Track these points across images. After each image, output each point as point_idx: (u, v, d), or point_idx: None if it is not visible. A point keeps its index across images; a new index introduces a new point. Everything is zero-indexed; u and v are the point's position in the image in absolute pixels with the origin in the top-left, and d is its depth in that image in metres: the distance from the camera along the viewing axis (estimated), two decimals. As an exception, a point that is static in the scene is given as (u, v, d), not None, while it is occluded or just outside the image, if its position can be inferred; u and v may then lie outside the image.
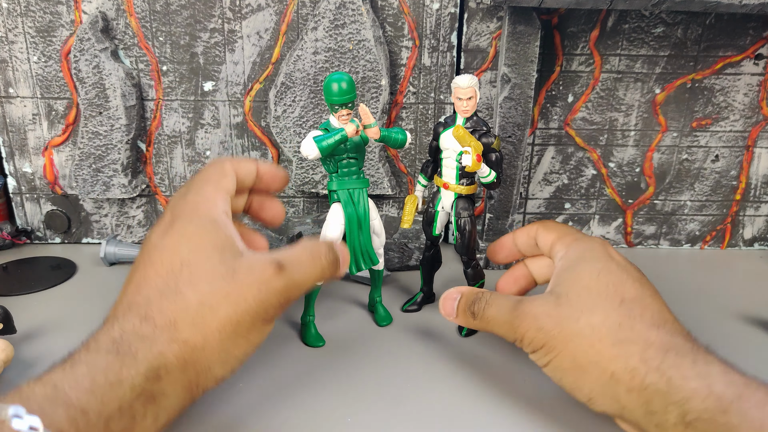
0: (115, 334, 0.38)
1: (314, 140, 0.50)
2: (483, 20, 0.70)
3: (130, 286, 0.42)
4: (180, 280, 0.40)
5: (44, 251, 0.75)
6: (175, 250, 0.42)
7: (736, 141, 0.75)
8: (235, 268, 0.41)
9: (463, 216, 0.56)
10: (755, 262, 0.77)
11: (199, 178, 0.48)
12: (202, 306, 0.40)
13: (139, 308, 0.39)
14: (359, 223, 0.54)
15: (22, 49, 0.69)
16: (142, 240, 0.78)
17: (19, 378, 0.49)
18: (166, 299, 0.40)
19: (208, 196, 0.46)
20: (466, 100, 0.53)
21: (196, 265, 0.41)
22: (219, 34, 0.69)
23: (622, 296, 0.43)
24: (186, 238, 0.43)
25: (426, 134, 0.74)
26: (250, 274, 0.41)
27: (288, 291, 0.42)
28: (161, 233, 0.44)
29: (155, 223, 0.47)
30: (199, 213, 0.44)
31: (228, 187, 0.48)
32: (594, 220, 0.79)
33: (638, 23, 0.70)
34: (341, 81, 0.49)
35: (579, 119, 0.74)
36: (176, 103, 0.72)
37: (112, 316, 0.40)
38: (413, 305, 0.62)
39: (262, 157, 0.75)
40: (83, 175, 0.72)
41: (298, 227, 0.72)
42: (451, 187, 0.56)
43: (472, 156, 0.51)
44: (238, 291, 0.40)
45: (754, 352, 0.56)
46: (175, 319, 0.39)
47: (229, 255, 0.42)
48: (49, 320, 0.59)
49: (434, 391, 0.49)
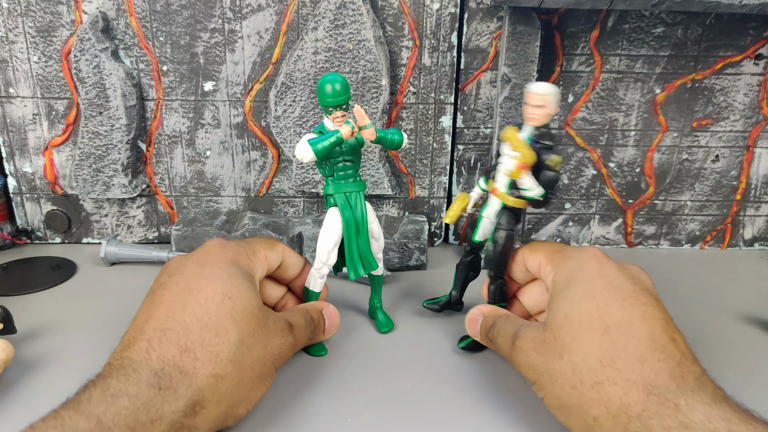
0: (154, 365, 0.37)
1: (309, 143, 0.49)
2: (483, 20, 0.70)
3: (160, 307, 0.41)
4: (222, 314, 0.41)
5: (44, 251, 0.75)
6: (216, 282, 0.44)
7: (737, 141, 0.75)
8: (266, 317, 0.45)
9: (502, 228, 0.52)
10: (755, 262, 0.77)
11: (247, 240, 0.52)
12: (241, 344, 0.41)
13: (178, 336, 0.39)
14: (357, 228, 0.53)
15: (23, 49, 0.69)
16: (140, 241, 0.78)
17: (19, 378, 0.49)
18: (208, 331, 0.40)
19: (250, 256, 0.50)
20: (534, 106, 0.48)
21: (239, 302, 0.43)
22: (219, 34, 0.69)
23: (606, 323, 0.40)
24: (229, 274, 0.45)
25: (426, 134, 0.74)
26: (276, 325, 0.46)
27: (294, 348, 0.48)
28: (197, 265, 0.45)
29: (183, 256, 0.49)
30: (239, 263, 0.48)
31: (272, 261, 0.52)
32: (594, 220, 0.79)
33: (638, 23, 0.70)
34: (335, 82, 0.48)
35: (579, 119, 0.74)
36: (176, 103, 0.72)
37: (141, 336, 0.39)
38: (434, 304, 0.59)
39: (263, 157, 0.75)
40: (83, 175, 0.72)
41: (298, 227, 0.72)
42: (497, 193, 0.52)
43: (516, 162, 0.48)
44: (267, 337, 0.44)
45: (754, 352, 0.56)
46: (218, 353, 0.40)
47: (262, 305, 0.46)
48: (49, 320, 0.59)
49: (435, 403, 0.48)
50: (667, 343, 0.39)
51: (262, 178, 0.76)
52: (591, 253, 0.46)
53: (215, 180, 0.76)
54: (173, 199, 0.77)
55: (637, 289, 0.42)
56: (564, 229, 0.79)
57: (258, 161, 0.75)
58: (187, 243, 0.71)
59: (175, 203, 0.77)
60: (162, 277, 0.47)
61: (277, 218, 0.75)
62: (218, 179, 0.76)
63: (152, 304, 0.42)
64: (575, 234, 0.79)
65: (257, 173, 0.76)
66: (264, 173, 0.76)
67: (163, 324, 0.40)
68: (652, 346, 0.38)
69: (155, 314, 0.41)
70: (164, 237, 0.78)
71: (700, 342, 0.41)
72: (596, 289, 0.42)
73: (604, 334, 0.39)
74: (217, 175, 0.76)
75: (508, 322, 0.47)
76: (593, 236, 0.79)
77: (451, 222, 0.56)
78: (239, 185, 0.76)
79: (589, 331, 0.40)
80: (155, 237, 0.78)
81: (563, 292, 0.44)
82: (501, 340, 0.47)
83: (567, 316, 0.42)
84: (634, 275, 0.45)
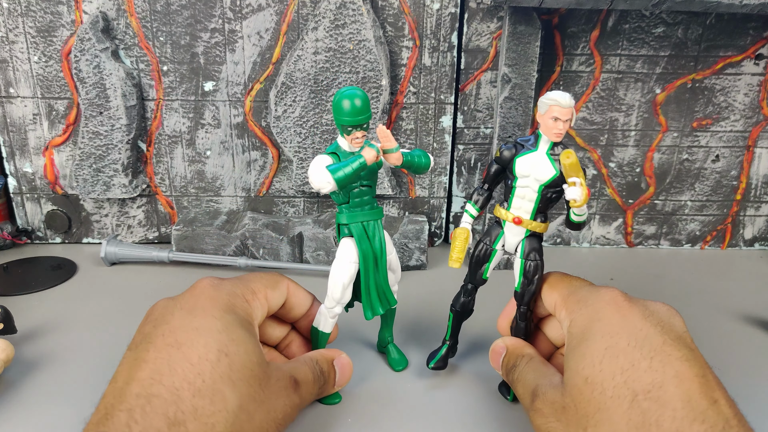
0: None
1: (328, 170, 0.42)
2: (483, 20, 0.70)
3: (144, 367, 0.35)
4: (217, 374, 0.35)
5: (45, 251, 0.75)
6: (210, 335, 0.37)
7: (737, 141, 0.75)
8: (269, 374, 0.39)
9: (533, 258, 0.46)
10: (755, 262, 0.77)
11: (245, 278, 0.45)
12: (241, 411, 0.35)
13: (166, 406, 0.33)
14: (376, 261, 0.46)
15: (23, 49, 0.69)
16: (140, 241, 0.78)
17: (19, 378, 0.49)
18: (202, 398, 0.34)
19: (248, 299, 0.43)
20: (563, 121, 0.43)
21: (237, 359, 0.37)
22: (219, 34, 0.69)
23: (633, 390, 0.34)
24: (224, 325, 0.38)
25: (426, 134, 0.74)
26: (278, 384, 0.40)
27: (300, 407, 0.42)
28: (187, 312, 0.39)
29: (169, 300, 0.42)
30: (235, 309, 0.41)
31: (273, 302, 0.45)
32: (594, 220, 0.79)
33: (639, 23, 0.70)
34: (354, 98, 0.42)
35: (579, 119, 0.74)
36: (177, 103, 0.72)
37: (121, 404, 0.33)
38: (440, 362, 0.51)
39: (263, 157, 0.75)
40: (84, 175, 0.72)
41: (298, 227, 0.72)
42: (524, 222, 0.46)
43: (584, 189, 0.42)
44: (270, 399, 0.38)
45: (754, 352, 0.56)
46: (213, 424, 0.33)
47: (263, 359, 0.39)
48: (49, 320, 0.59)
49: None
50: (707, 408, 0.32)
51: (262, 178, 0.76)
52: (609, 298, 0.40)
53: (215, 180, 0.76)
54: (173, 199, 0.77)
55: (668, 340, 0.36)
56: (564, 229, 0.79)
57: (258, 161, 0.75)
58: (187, 243, 0.71)
59: (176, 203, 0.77)
60: (146, 326, 0.39)
61: (277, 218, 0.75)
62: (218, 179, 0.76)
63: (135, 363, 0.35)
64: (575, 234, 0.79)
65: (257, 173, 0.76)
66: (264, 173, 0.76)
67: (148, 389, 0.33)
68: (690, 416, 0.32)
69: (138, 376, 0.34)
70: (164, 237, 0.78)
71: (700, 342, 0.40)
72: (619, 346, 0.36)
73: (632, 403, 0.33)
74: (218, 175, 0.76)
75: (530, 369, 0.42)
76: (593, 236, 0.79)
77: (460, 266, 0.47)
78: (239, 185, 0.76)
79: (613, 400, 0.34)
80: (155, 237, 0.78)
81: (580, 348, 0.38)
82: (521, 389, 0.42)
83: (587, 380, 0.36)
84: (663, 320, 0.38)
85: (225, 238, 0.71)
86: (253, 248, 0.71)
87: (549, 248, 0.79)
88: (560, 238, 0.79)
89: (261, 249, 0.71)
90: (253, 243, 0.71)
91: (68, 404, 0.46)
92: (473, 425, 0.45)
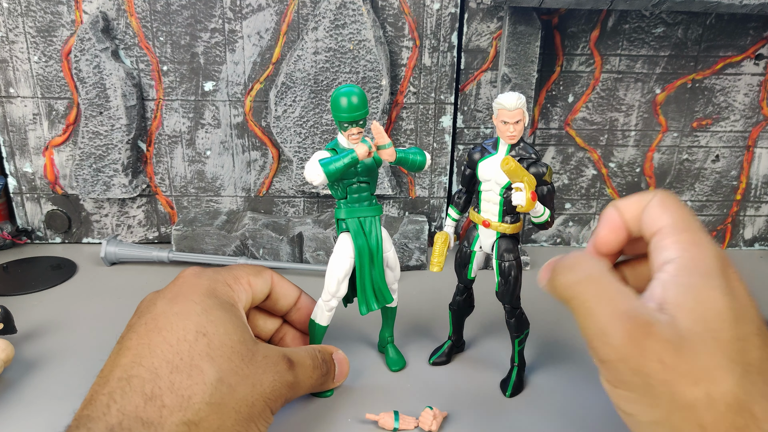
0: (112, 420, 0.33)
1: (320, 163, 0.43)
2: (483, 20, 0.70)
3: (126, 354, 0.37)
4: (195, 352, 0.37)
5: (44, 251, 0.75)
6: (188, 318, 0.39)
7: (737, 141, 0.75)
8: (253, 351, 0.40)
9: (506, 259, 0.47)
10: (755, 262, 0.77)
11: (229, 267, 0.47)
12: (220, 383, 0.36)
13: (143, 384, 0.34)
14: (371, 257, 0.47)
15: (23, 49, 0.69)
16: (140, 241, 0.78)
17: (19, 378, 0.49)
18: (179, 373, 0.35)
19: (230, 283, 0.44)
20: (513, 124, 0.44)
21: (215, 337, 0.38)
22: (219, 34, 0.69)
23: (746, 359, 0.31)
24: (203, 308, 0.40)
25: (426, 134, 0.74)
26: (267, 361, 0.40)
27: (294, 388, 0.42)
28: (169, 301, 0.40)
29: (156, 293, 0.43)
30: (216, 293, 0.42)
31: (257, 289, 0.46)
32: (594, 220, 0.79)
33: (638, 23, 0.70)
34: (350, 95, 0.43)
35: (579, 119, 0.74)
36: (177, 103, 0.72)
37: (104, 388, 0.35)
38: (441, 356, 0.53)
39: (263, 157, 0.75)
40: (84, 174, 0.72)
41: (298, 227, 0.72)
42: (492, 225, 0.47)
43: (526, 194, 0.42)
44: (255, 374, 0.39)
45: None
46: (189, 396, 0.35)
47: (248, 337, 0.41)
48: (49, 320, 0.59)
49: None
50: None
51: (262, 178, 0.76)
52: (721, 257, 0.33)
53: (215, 180, 0.76)
54: (173, 199, 0.77)
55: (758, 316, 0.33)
56: (564, 229, 0.79)
57: (258, 161, 0.75)
58: (187, 243, 0.71)
59: (175, 203, 0.77)
60: (132, 318, 0.42)
61: (277, 218, 0.75)
62: (218, 179, 0.76)
63: (119, 352, 0.37)
64: (575, 234, 0.79)
65: (257, 173, 0.76)
66: (264, 173, 0.76)
67: (129, 372, 0.35)
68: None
69: (120, 362, 0.36)
70: (164, 237, 0.78)
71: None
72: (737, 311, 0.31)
73: (745, 373, 0.30)
74: (218, 175, 0.76)
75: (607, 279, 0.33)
76: (593, 236, 0.79)
77: (441, 269, 0.49)
78: (239, 185, 0.76)
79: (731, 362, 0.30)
80: (155, 237, 0.78)
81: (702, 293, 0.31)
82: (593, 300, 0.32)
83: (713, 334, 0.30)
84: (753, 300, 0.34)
85: (225, 238, 0.71)
86: (253, 248, 0.71)
87: (549, 248, 0.79)
88: (560, 238, 0.80)
89: (261, 249, 0.71)
90: (253, 243, 0.71)
91: (68, 404, 0.46)
92: (473, 425, 0.45)
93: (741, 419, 0.30)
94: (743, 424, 0.30)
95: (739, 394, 0.30)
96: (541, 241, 0.79)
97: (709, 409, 0.30)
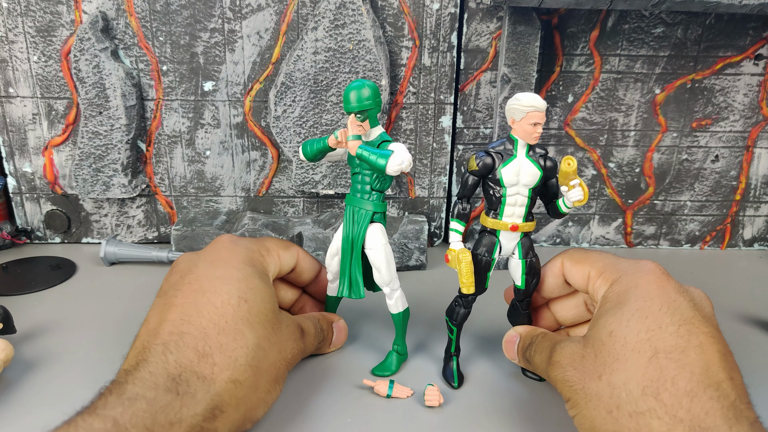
0: (172, 369, 0.36)
1: (304, 142, 0.50)
2: (483, 20, 0.70)
3: (174, 310, 0.40)
4: (239, 317, 0.41)
5: (44, 251, 0.75)
6: (230, 283, 0.43)
7: (736, 141, 0.75)
8: (280, 320, 0.45)
9: (531, 256, 0.48)
10: (755, 262, 0.77)
11: (260, 238, 0.51)
12: (258, 348, 0.41)
13: (196, 341, 0.38)
14: (352, 247, 0.49)
15: (22, 49, 0.69)
16: (140, 241, 0.78)
17: (19, 378, 0.49)
18: (225, 336, 0.40)
19: (264, 254, 0.48)
20: (540, 124, 0.45)
21: (255, 305, 0.42)
22: (219, 34, 0.69)
23: (655, 348, 0.36)
24: (243, 275, 0.44)
25: (425, 134, 0.74)
26: (288, 329, 0.46)
27: (303, 353, 0.48)
28: (209, 264, 0.44)
29: (193, 254, 0.48)
30: (253, 262, 0.46)
31: (285, 262, 0.51)
32: (594, 220, 0.79)
33: (638, 23, 0.70)
34: (350, 89, 0.47)
35: (579, 119, 0.74)
36: (176, 103, 0.72)
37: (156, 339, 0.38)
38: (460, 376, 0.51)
39: (262, 157, 0.75)
40: (83, 174, 0.72)
41: (297, 227, 0.72)
42: (520, 227, 0.47)
43: (584, 187, 0.45)
44: (281, 341, 0.44)
45: (753, 352, 0.56)
46: (236, 358, 0.39)
47: (276, 307, 0.46)
48: (49, 320, 0.59)
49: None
50: (723, 380, 0.34)
51: (261, 178, 0.76)
52: (649, 269, 0.42)
53: (215, 180, 0.76)
54: (173, 199, 0.77)
55: (697, 315, 0.38)
56: (564, 230, 0.79)
57: (258, 161, 0.75)
58: (187, 243, 0.71)
59: (175, 203, 0.77)
60: (173, 276, 0.45)
61: (277, 218, 0.75)
62: (218, 179, 0.76)
63: (165, 307, 0.41)
64: (575, 234, 0.79)
65: (257, 173, 0.76)
66: (264, 173, 0.76)
67: (179, 328, 0.39)
68: (706, 382, 0.34)
69: (169, 317, 0.40)
70: (164, 237, 0.78)
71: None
72: (650, 309, 0.38)
73: (652, 359, 0.35)
74: (217, 175, 0.76)
75: (546, 339, 0.45)
76: (593, 236, 0.79)
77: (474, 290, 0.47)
78: (239, 185, 0.76)
79: (634, 353, 0.36)
80: (155, 237, 0.78)
81: (613, 310, 0.40)
82: (538, 357, 0.44)
83: (612, 334, 0.38)
84: (695, 299, 0.40)
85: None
86: (252, 248, 0.71)
87: (549, 248, 0.79)
88: (560, 238, 0.80)
89: (261, 249, 0.71)
90: (253, 243, 0.71)
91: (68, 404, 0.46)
92: (473, 425, 0.46)
93: (644, 403, 0.34)
94: (646, 408, 0.34)
95: (641, 380, 0.35)
96: (541, 241, 0.79)
97: (612, 396, 0.35)
